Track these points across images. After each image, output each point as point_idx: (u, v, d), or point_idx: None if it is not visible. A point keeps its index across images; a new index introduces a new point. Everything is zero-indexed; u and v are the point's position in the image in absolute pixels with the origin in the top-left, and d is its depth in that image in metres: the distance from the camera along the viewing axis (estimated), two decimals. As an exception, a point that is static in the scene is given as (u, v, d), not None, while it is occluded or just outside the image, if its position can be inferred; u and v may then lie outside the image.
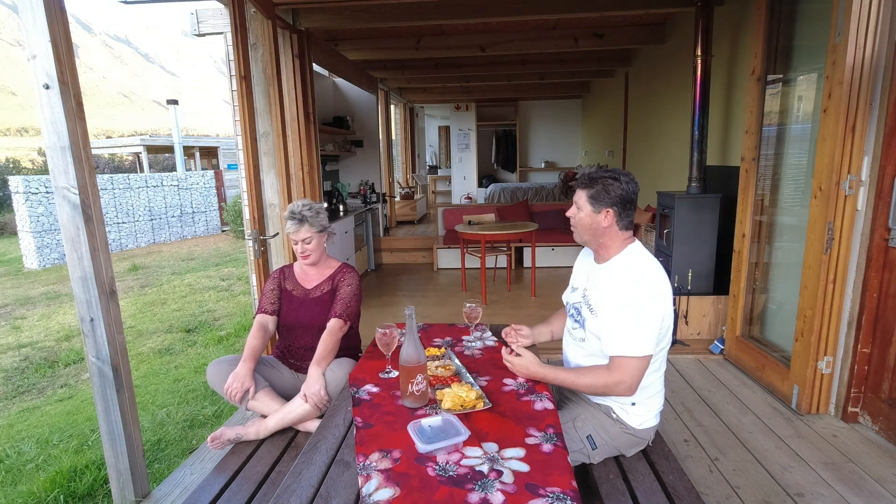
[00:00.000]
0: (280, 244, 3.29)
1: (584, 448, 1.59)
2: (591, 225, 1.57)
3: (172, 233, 11.58)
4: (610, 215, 1.54)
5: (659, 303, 1.47)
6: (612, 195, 1.52)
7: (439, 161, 11.96)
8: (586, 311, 1.61)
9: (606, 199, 1.53)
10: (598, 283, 1.59)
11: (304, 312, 2.19)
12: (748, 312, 3.23)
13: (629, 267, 1.54)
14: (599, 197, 1.54)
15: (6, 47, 57.83)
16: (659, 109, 5.45)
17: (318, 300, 2.19)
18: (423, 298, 4.98)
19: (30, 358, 4.59)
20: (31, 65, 1.71)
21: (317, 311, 2.17)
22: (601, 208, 1.54)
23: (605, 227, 1.55)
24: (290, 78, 3.47)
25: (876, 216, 2.35)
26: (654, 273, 1.52)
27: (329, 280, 2.22)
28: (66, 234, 1.83)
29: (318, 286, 2.22)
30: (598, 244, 1.60)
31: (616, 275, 1.54)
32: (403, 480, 1.15)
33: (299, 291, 2.22)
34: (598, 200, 1.54)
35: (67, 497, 2.40)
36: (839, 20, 2.28)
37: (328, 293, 2.20)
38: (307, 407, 1.90)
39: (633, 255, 1.57)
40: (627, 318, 1.46)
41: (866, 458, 2.21)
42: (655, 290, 1.48)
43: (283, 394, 2.09)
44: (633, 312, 1.45)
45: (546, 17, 4.30)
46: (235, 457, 1.79)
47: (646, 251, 1.59)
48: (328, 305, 2.17)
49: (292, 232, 2.10)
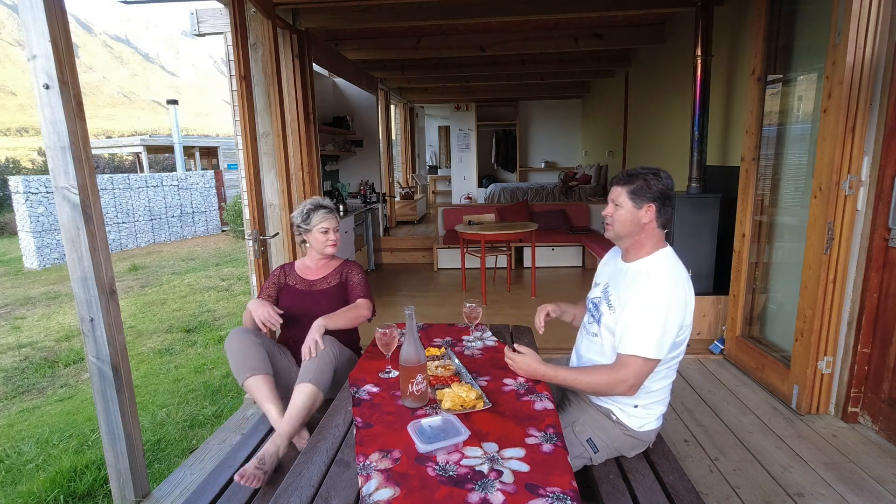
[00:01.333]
0: (280, 244, 3.29)
1: (586, 452, 1.58)
2: (632, 221, 1.55)
3: (172, 233, 11.58)
4: (652, 210, 1.54)
5: (680, 311, 1.47)
6: (653, 190, 1.52)
7: (439, 161, 11.96)
8: (604, 307, 1.61)
9: (648, 193, 1.53)
10: (621, 281, 1.59)
11: (310, 302, 2.22)
12: (748, 312, 3.23)
13: (657, 270, 1.52)
14: (641, 192, 1.53)
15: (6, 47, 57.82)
16: (659, 109, 5.45)
17: (325, 292, 2.25)
18: (423, 298, 4.98)
19: (30, 358, 4.59)
20: (31, 65, 1.71)
21: (323, 301, 2.21)
22: (643, 203, 1.54)
23: (646, 223, 1.55)
24: (290, 78, 3.47)
25: (876, 216, 2.35)
26: (681, 280, 1.51)
27: (336, 273, 2.30)
28: (66, 234, 1.83)
29: (325, 278, 2.28)
30: (634, 241, 1.59)
31: (642, 275, 1.53)
32: (403, 480, 1.15)
33: (303, 284, 2.27)
34: (639, 196, 1.54)
35: (67, 497, 2.41)
36: (839, 20, 2.28)
37: (336, 286, 2.27)
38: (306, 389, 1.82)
39: (663, 258, 1.56)
40: (645, 319, 1.45)
41: (866, 458, 2.21)
42: (680, 298, 1.47)
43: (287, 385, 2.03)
44: (653, 315, 1.45)
45: (546, 17, 4.30)
46: (235, 457, 1.79)
47: (676, 258, 1.58)
48: (335, 297, 2.24)
49: (326, 220, 2.21)
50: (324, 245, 2.24)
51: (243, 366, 1.95)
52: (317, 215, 2.21)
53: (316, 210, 2.22)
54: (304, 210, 2.24)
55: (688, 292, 1.51)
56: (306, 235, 2.26)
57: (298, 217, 2.25)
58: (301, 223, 2.24)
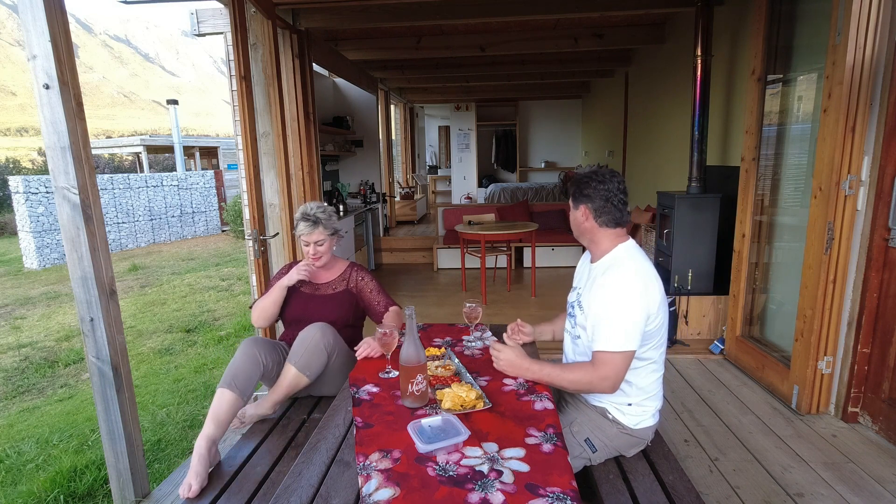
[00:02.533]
0: (280, 244, 3.29)
1: (585, 452, 1.59)
2: (575, 223, 1.64)
3: (172, 233, 11.58)
4: (587, 213, 1.57)
5: (641, 299, 1.47)
6: (584, 192, 1.57)
7: (439, 161, 11.96)
8: (577, 309, 1.63)
9: (580, 196, 1.58)
10: (589, 282, 1.61)
11: (314, 307, 2.19)
12: (748, 312, 3.23)
13: (615, 264, 1.54)
14: (575, 195, 1.60)
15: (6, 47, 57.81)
16: (659, 109, 5.45)
17: (331, 297, 2.23)
18: (423, 298, 4.98)
19: (30, 358, 4.59)
20: (31, 65, 1.71)
21: (328, 307, 2.19)
22: (577, 205, 1.60)
23: (587, 225, 1.59)
24: (290, 78, 3.47)
25: (876, 216, 2.35)
26: (640, 270, 1.51)
27: (342, 279, 2.26)
28: (66, 234, 1.82)
29: (329, 283, 2.25)
30: (588, 242, 1.64)
31: (603, 271, 1.55)
32: (403, 480, 1.15)
33: (308, 287, 2.24)
34: (574, 199, 1.61)
35: (67, 497, 2.41)
36: (839, 20, 2.28)
37: (342, 292, 2.23)
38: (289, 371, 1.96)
39: (621, 252, 1.57)
40: (609, 314, 1.46)
41: (866, 458, 2.21)
42: (640, 288, 1.48)
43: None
44: (615, 308, 1.46)
45: (546, 17, 4.30)
46: (235, 457, 1.79)
47: (637, 249, 1.59)
48: (340, 303, 2.22)
49: (305, 234, 2.12)
50: (308, 256, 2.18)
51: (228, 375, 1.93)
52: (299, 227, 2.14)
53: (298, 221, 2.14)
54: (296, 218, 2.18)
55: (648, 281, 1.50)
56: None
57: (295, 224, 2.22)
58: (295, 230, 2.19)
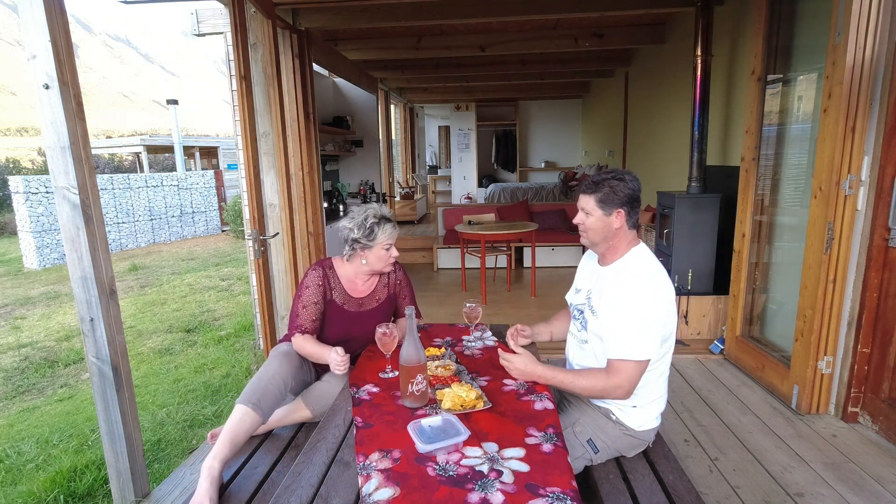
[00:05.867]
0: (280, 244, 3.29)
1: (587, 452, 1.59)
2: (604, 228, 1.56)
3: (172, 233, 11.57)
4: (621, 216, 1.54)
5: (661, 306, 1.47)
6: (620, 195, 1.53)
7: (439, 161, 11.96)
8: (588, 314, 1.61)
9: (616, 199, 1.53)
10: (602, 286, 1.59)
11: (361, 324, 1.99)
12: (748, 312, 3.23)
13: (633, 270, 1.53)
14: (608, 199, 1.53)
15: (6, 47, 57.83)
16: (659, 109, 5.45)
17: (377, 310, 2.04)
18: (423, 298, 4.97)
19: (30, 358, 4.59)
20: (31, 65, 1.71)
21: (374, 321, 1.85)
22: (611, 210, 1.54)
23: (617, 229, 1.55)
24: (290, 78, 3.47)
25: (876, 216, 2.35)
26: (657, 276, 1.52)
27: (384, 286, 2.08)
28: (66, 234, 1.82)
29: (372, 295, 2.05)
30: (608, 246, 1.59)
31: (620, 278, 1.54)
32: (403, 480, 1.15)
33: (352, 304, 2.01)
34: (607, 203, 1.54)
35: (67, 497, 2.40)
36: (839, 20, 2.28)
37: (386, 300, 2.07)
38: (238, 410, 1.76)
39: (637, 257, 1.57)
40: (629, 322, 1.45)
41: (866, 458, 2.21)
42: (658, 294, 1.48)
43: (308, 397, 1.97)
44: (635, 316, 1.45)
45: (546, 17, 4.30)
46: (235, 457, 1.79)
47: (650, 253, 1.59)
48: (385, 313, 2.05)
49: (391, 237, 1.94)
50: (385, 262, 1.96)
51: (255, 393, 1.79)
52: (383, 230, 1.90)
53: (381, 224, 1.90)
54: (367, 223, 1.90)
55: (663, 286, 1.51)
56: (363, 251, 1.94)
57: (358, 231, 1.90)
58: (362, 237, 1.90)
